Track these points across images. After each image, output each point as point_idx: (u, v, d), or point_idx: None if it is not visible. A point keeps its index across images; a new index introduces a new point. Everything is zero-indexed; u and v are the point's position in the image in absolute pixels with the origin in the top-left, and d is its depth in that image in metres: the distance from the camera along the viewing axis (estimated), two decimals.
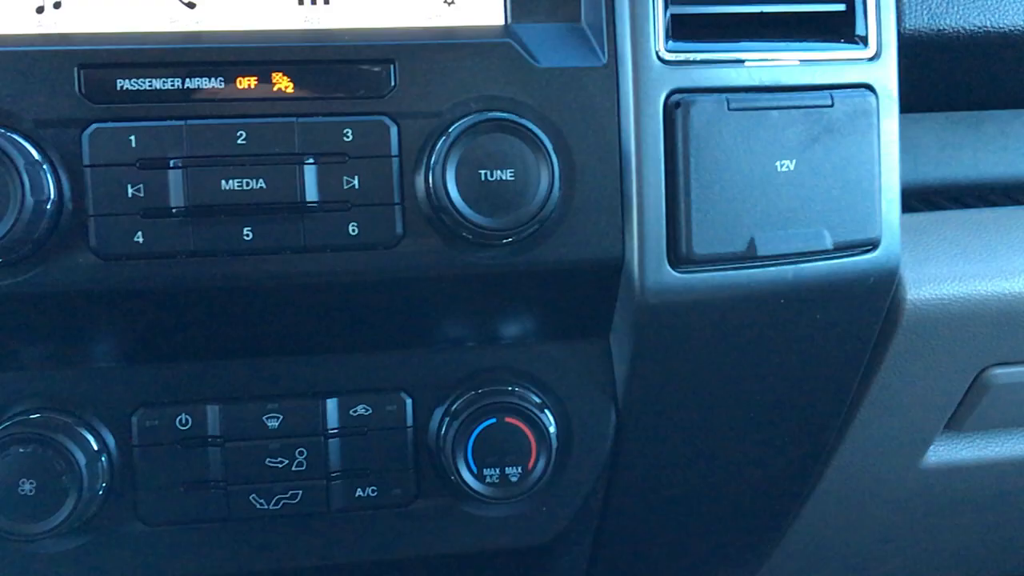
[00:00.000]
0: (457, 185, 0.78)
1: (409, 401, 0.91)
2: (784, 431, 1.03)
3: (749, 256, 0.85)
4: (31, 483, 0.82)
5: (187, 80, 0.79)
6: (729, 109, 0.83)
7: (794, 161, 0.85)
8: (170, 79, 0.78)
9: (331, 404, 0.89)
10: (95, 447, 0.85)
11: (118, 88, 0.78)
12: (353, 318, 0.88)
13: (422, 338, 0.92)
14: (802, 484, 1.15)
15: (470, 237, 0.81)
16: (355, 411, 0.90)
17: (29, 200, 0.73)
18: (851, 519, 1.23)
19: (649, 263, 0.84)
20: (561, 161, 0.81)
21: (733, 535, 1.19)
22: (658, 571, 1.21)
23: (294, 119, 0.79)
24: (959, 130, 1.25)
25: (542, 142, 0.79)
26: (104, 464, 0.86)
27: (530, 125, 0.78)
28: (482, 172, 0.79)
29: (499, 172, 0.79)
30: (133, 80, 0.78)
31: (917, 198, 1.21)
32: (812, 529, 1.23)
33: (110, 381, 0.87)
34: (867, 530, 1.27)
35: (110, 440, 0.87)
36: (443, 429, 0.90)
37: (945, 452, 1.18)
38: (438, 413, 0.92)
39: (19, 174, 0.73)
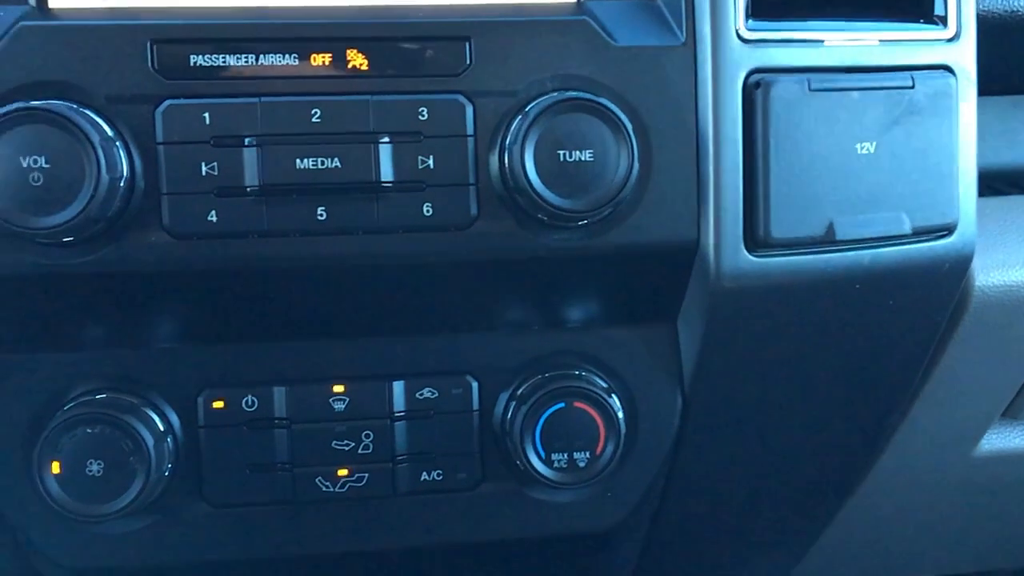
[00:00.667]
0: (535, 165, 0.77)
1: (475, 384, 0.90)
2: (845, 417, 1.02)
3: (828, 240, 0.83)
4: (99, 464, 0.82)
5: (261, 57, 0.77)
6: (810, 90, 0.81)
7: (874, 143, 0.83)
8: (244, 55, 0.77)
9: (398, 387, 0.88)
10: (161, 428, 0.85)
11: (191, 64, 0.76)
12: (422, 300, 0.87)
13: (488, 321, 0.90)
14: (855, 470, 1.13)
15: (545, 219, 0.80)
16: (421, 394, 0.89)
17: (105, 177, 0.72)
18: (899, 505, 1.22)
19: (725, 247, 0.83)
20: (639, 142, 0.80)
21: (783, 521, 1.18)
22: (707, 555, 1.20)
23: (369, 97, 0.78)
24: (1019, 114, 1.23)
25: (622, 122, 0.77)
26: (170, 445, 0.85)
27: (610, 105, 0.77)
28: (561, 153, 0.77)
29: (578, 153, 0.77)
30: (207, 56, 0.77)
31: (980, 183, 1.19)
32: (859, 515, 1.22)
33: (176, 362, 0.86)
34: (914, 516, 1.26)
35: (175, 421, 0.87)
36: (509, 413, 0.89)
37: (999, 440, 1.16)
38: (503, 397, 0.90)
39: (95, 151, 0.72)
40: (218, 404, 0.86)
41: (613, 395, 0.89)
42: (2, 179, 0.71)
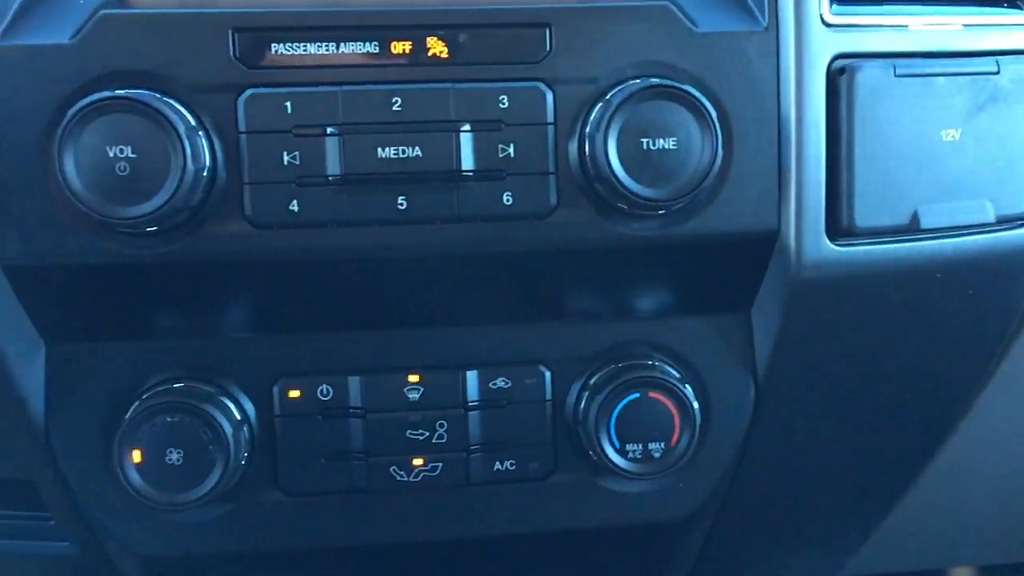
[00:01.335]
0: (619, 154, 0.76)
1: (548, 374, 0.89)
2: (915, 407, 1.01)
3: (912, 229, 0.82)
4: (179, 452, 0.82)
5: (342, 45, 0.77)
6: (895, 76, 0.80)
7: (959, 130, 0.82)
8: (324, 43, 0.76)
9: (471, 376, 0.88)
10: (238, 417, 0.84)
11: (273, 52, 0.76)
12: (496, 289, 0.86)
13: (560, 310, 0.90)
14: (918, 460, 1.12)
15: (625, 207, 0.79)
16: (495, 384, 0.88)
17: (190, 167, 0.72)
18: (958, 493, 1.20)
19: (807, 235, 0.81)
20: (722, 129, 0.78)
21: (844, 511, 1.18)
22: (766, 545, 1.19)
23: (449, 85, 0.77)
24: None
25: (707, 110, 0.76)
26: (246, 434, 0.85)
27: (695, 93, 0.75)
28: (644, 141, 0.76)
29: (661, 141, 0.76)
30: (288, 44, 0.76)
31: None
32: (918, 503, 1.21)
33: (252, 351, 0.86)
34: (972, 505, 1.25)
35: (251, 410, 0.86)
36: (582, 403, 0.88)
37: None
38: (575, 386, 0.90)
39: (181, 140, 0.72)
40: (294, 393, 0.86)
41: (687, 385, 0.89)
42: (89, 169, 0.71)
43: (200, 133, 0.75)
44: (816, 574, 1.26)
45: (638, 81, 0.77)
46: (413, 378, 0.87)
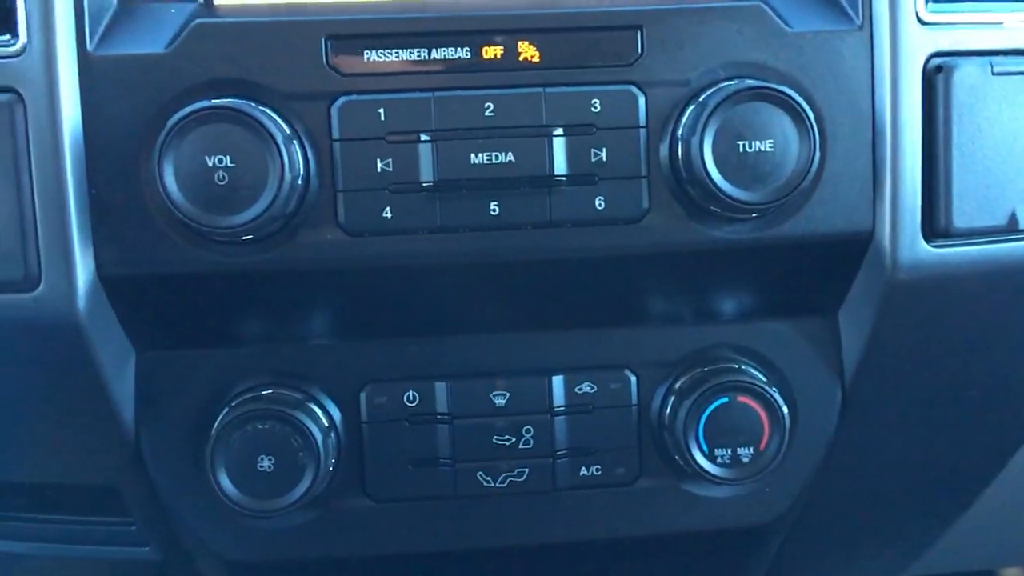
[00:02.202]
0: (714, 156, 0.75)
1: (633, 378, 0.88)
2: (1004, 406, 0.99)
3: (1010, 229, 0.80)
4: (270, 459, 0.82)
5: (433, 51, 0.77)
6: (993, 74, 0.78)
7: None
8: (417, 49, 0.76)
9: (557, 381, 0.87)
10: (326, 423, 0.85)
11: (365, 59, 0.76)
12: (582, 293, 0.86)
13: (644, 314, 0.89)
14: (996, 462, 1.11)
15: (718, 210, 0.78)
16: (580, 389, 0.88)
17: (287, 176, 0.72)
18: None
19: (902, 237, 0.80)
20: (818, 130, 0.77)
21: (920, 514, 1.16)
22: (841, 547, 1.18)
23: (541, 89, 0.77)
24: None
25: (804, 111, 0.75)
26: (333, 440, 0.85)
27: (793, 94, 0.74)
28: (740, 143, 0.75)
29: (758, 143, 0.75)
30: (380, 51, 0.76)
31: None
32: (990, 508, 1.19)
33: (338, 357, 0.86)
34: None
35: (337, 416, 0.86)
36: (668, 407, 0.87)
37: None
38: (660, 390, 0.89)
39: (279, 149, 0.71)
40: (381, 399, 0.86)
41: (775, 389, 0.88)
42: (189, 179, 0.71)
43: (294, 141, 0.75)
44: (885, 572, 1.25)
45: (734, 83, 0.76)
46: (500, 383, 0.87)
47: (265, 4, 0.80)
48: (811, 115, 0.75)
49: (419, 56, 0.77)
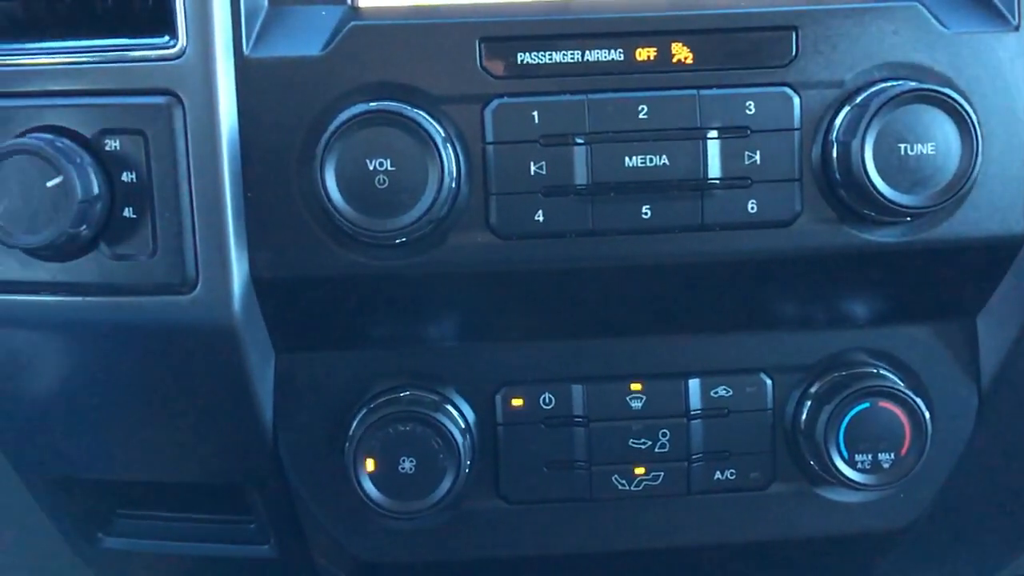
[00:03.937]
0: (875, 160, 0.74)
1: (769, 382, 0.87)
2: None
3: None
4: (411, 461, 0.82)
5: (586, 52, 0.76)
6: None
7: None
8: (570, 51, 0.76)
9: (693, 385, 0.87)
10: (463, 424, 0.85)
11: (519, 62, 0.75)
12: (721, 297, 0.85)
13: (780, 317, 0.88)
14: None
15: (872, 214, 0.77)
16: (716, 392, 0.87)
17: (447, 179, 0.72)
18: None
19: None
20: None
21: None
22: (956, 552, 1.17)
23: (695, 91, 0.76)
24: None
25: (967, 114, 0.73)
26: (469, 442, 0.85)
27: (955, 96, 0.73)
28: (901, 146, 0.74)
29: (920, 146, 0.74)
30: (533, 53, 0.75)
31: None
32: None
33: (474, 359, 0.86)
34: None
35: (472, 418, 0.86)
36: (805, 412, 0.86)
37: None
38: (795, 395, 0.88)
39: (438, 152, 0.71)
40: (516, 401, 0.86)
41: (916, 394, 0.86)
42: (350, 182, 0.71)
43: (448, 144, 0.75)
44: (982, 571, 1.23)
45: (895, 84, 0.74)
46: (636, 387, 0.87)
47: (407, 6, 0.80)
48: (974, 118, 0.74)
49: (572, 58, 0.76)
